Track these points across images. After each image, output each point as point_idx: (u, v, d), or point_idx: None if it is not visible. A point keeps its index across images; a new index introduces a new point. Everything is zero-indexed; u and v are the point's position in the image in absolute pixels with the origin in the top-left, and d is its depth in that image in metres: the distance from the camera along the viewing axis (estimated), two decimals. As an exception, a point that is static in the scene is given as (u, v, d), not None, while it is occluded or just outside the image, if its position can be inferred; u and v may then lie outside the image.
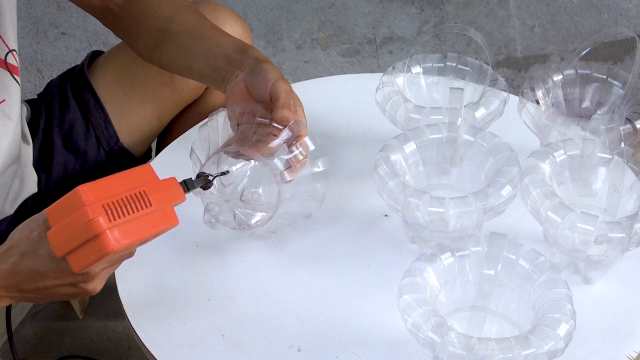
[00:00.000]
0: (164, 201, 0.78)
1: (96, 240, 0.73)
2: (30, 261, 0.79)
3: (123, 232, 0.74)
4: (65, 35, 2.09)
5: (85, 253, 0.74)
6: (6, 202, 1.11)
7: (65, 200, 0.75)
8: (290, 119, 0.92)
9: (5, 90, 1.03)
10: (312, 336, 0.87)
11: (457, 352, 0.74)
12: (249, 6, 2.07)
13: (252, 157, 0.91)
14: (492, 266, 0.84)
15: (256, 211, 0.95)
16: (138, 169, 0.80)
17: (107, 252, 0.73)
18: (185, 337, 0.88)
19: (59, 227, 0.74)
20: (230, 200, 0.94)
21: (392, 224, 1.00)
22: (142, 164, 0.81)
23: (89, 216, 0.72)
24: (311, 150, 0.94)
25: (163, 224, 0.78)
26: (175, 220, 0.79)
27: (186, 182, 0.84)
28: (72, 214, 0.73)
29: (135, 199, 0.75)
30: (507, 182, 0.89)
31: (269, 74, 0.94)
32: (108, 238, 0.73)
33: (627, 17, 2.09)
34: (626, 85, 1.02)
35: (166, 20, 1.06)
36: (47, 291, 0.81)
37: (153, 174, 0.80)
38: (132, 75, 1.22)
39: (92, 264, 0.75)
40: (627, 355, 0.84)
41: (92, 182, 0.75)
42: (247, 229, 0.94)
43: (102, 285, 0.81)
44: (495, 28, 2.09)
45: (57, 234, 0.75)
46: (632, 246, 0.86)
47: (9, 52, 1.03)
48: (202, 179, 0.87)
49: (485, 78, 1.06)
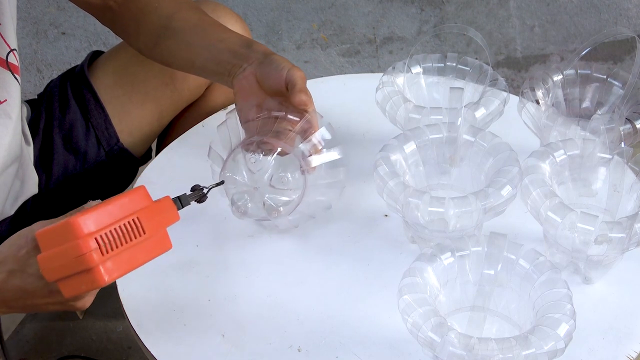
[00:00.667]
0: (157, 227, 0.77)
1: (88, 273, 0.72)
2: (18, 279, 0.77)
3: (115, 264, 0.73)
4: (65, 35, 2.09)
5: (76, 282, 0.73)
6: (6, 203, 1.11)
7: (58, 228, 0.73)
8: (308, 103, 0.93)
9: (6, 90, 1.03)
10: (312, 336, 0.87)
11: (457, 352, 0.74)
12: (249, 6, 2.07)
13: (276, 144, 0.92)
14: (492, 266, 0.84)
15: (284, 196, 0.95)
16: (132, 192, 0.78)
17: (99, 285, 0.73)
18: (185, 337, 0.88)
19: (50, 254, 0.73)
20: (259, 187, 0.95)
21: (392, 224, 1.00)
22: (137, 187, 0.79)
23: (82, 250, 0.71)
24: (328, 140, 0.95)
25: (156, 251, 0.77)
26: (168, 245, 0.78)
27: (180, 199, 0.82)
28: (65, 244, 0.72)
29: (129, 228, 0.74)
30: (507, 182, 0.89)
31: (281, 63, 0.95)
32: (100, 272, 0.72)
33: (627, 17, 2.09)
34: (626, 85, 1.02)
35: (166, 18, 1.06)
36: (35, 308, 0.80)
37: (147, 196, 0.78)
38: (132, 75, 1.22)
39: (83, 292, 0.74)
40: (627, 355, 0.84)
41: (87, 211, 0.73)
42: (276, 215, 0.95)
43: (92, 300, 0.80)
44: (495, 28, 2.09)
45: (47, 260, 0.73)
46: (632, 246, 0.86)
47: (10, 52, 1.03)
48: (197, 192, 0.85)
49: (485, 78, 1.06)
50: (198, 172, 0.97)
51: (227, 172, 0.93)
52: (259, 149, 0.93)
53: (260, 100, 0.97)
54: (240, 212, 0.95)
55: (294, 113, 0.94)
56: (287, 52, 2.11)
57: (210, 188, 0.87)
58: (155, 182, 1.08)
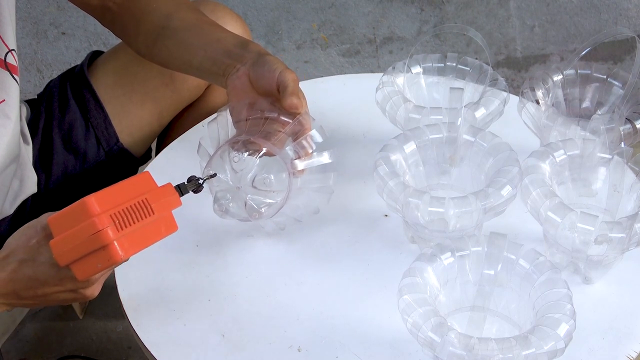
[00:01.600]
0: (164, 208, 0.80)
1: (104, 250, 0.74)
2: (30, 269, 0.79)
3: (130, 241, 0.75)
4: (65, 35, 2.09)
5: (91, 262, 0.75)
6: (5, 202, 1.11)
7: (71, 210, 0.75)
8: (299, 106, 0.92)
9: (4, 90, 1.03)
10: (312, 336, 0.87)
11: (457, 352, 0.74)
12: (249, 6, 2.07)
13: (263, 145, 0.91)
14: (492, 266, 0.84)
15: (267, 198, 0.95)
16: (138, 177, 0.81)
17: (116, 261, 0.75)
18: (185, 337, 0.88)
19: (64, 237, 0.75)
20: (242, 187, 0.94)
21: (392, 224, 1.00)
22: (142, 172, 0.82)
23: (98, 227, 0.73)
24: (319, 143, 0.94)
25: (165, 231, 0.80)
26: (175, 226, 0.81)
27: (180, 187, 0.85)
28: (79, 224, 0.74)
29: (139, 208, 0.77)
30: (507, 182, 0.89)
31: (274, 64, 0.95)
32: (116, 248, 0.74)
33: (627, 17, 2.09)
34: (626, 85, 1.02)
35: (165, 17, 1.06)
36: (46, 297, 0.81)
37: (152, 181, 0.81)
38: (132, 75, 1.22)
39: (97, 272, 0.76)
40: (627, 355, 0.84)
41: (98, 193, 0.76)
42: (257, 217, 0.94)
43: (100, 289, 0.82)
44: (495, 28, 2.09)
45: (61, 243, 0.75)
46: (632, 246, 0.86)
47: (9, 52, 1.03)
48: (193, 182, 0.87)
49: (485, 78, 1.06)
50: (198, 172, 0.96)
51: (210, 169, 0.93)
52: (244, 147, 0.93)
53: (252, 100, 0.97)
54: (221, 210, 0.94)
55: (286, 114, 0.94)
56: (287, 52, 2.11)
57: (205, 179, 0.89)
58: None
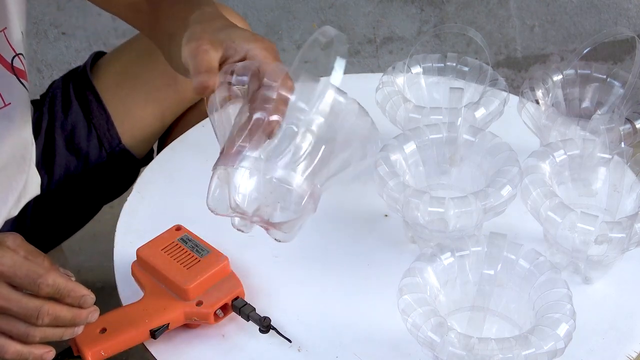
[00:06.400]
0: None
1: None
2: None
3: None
4: (65, 35, 2.09)
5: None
6: (10, 203, 1.11)
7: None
8: (289, 83, 0.78)
9: (10, 94, 1.03)
10: (312, 336, 0.87)
11: (457, 352, 0.74)
12: (249, 6, 2.07)
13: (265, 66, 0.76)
14: (492, 266, 0.84)
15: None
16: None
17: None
18: (185, 337, 0.88)
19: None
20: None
21: (392, 224, 1.00)
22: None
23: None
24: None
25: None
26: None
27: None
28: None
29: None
30: (507, 182, 0.89)
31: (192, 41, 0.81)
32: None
33: (627, 17, 2.09)
34: (626, 85, 1.02)
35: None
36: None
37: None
38: (134, 76, 1.22)
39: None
40: (627, 355, 0.84)
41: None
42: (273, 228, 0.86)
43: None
44: (495, 28, 2.10)
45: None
46: (632, 246, 0.86)
47: (16, 56, 1.03)
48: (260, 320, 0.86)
49: (485, 78, 1.06)
50: (198, 172, 0.96)
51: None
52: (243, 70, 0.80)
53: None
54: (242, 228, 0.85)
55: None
56: (287, 52, 2.11)
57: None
58: (155, 182, 1.08)
